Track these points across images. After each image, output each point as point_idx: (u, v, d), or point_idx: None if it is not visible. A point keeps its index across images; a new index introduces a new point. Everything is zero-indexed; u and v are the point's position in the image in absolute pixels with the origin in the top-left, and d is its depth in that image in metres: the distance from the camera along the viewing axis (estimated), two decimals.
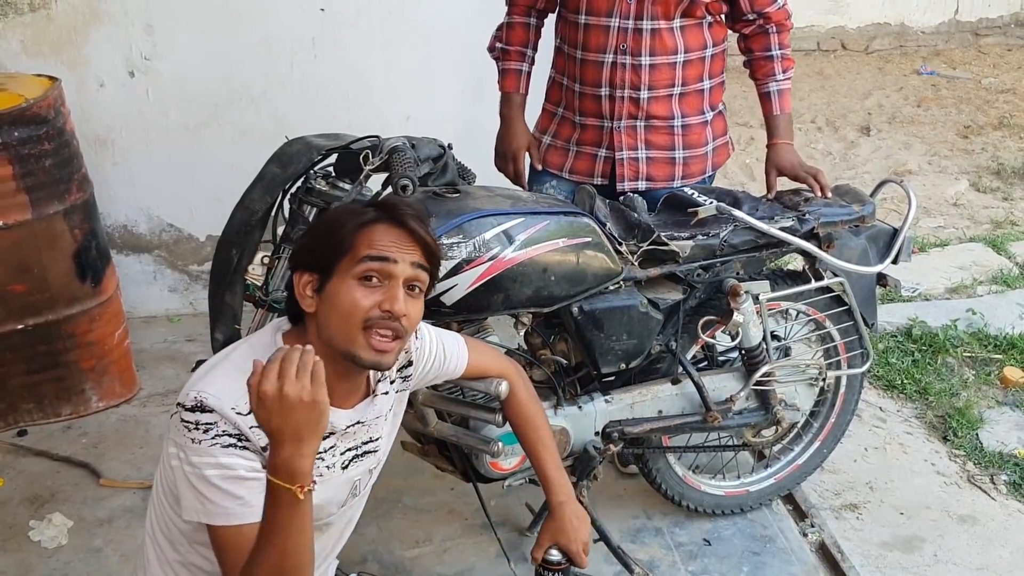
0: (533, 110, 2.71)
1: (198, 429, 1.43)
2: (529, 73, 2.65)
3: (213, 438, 1.43)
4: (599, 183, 2.56)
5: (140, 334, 3.50)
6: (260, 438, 1.46)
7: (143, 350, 3.43)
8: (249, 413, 1.45)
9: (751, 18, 2.47)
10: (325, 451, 1.58)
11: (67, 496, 2.70)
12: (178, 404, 1.46)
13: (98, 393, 3.10)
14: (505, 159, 2.69)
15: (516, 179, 2.70)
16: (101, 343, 3.06)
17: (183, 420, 1.44)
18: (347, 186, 1.99)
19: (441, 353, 1.83)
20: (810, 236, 2.33)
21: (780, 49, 2.51)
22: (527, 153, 2.68)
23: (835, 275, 2.39)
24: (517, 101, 2.65)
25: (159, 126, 3.43)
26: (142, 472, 2.77)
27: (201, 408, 1.43)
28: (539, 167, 2.67)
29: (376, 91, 3.54)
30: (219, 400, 1.44)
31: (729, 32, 2.57)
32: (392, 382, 1.71)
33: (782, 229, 2.27)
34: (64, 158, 2.86)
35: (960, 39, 8.07)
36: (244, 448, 1.45)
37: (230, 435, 1.44)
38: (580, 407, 2.28)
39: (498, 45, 2.64)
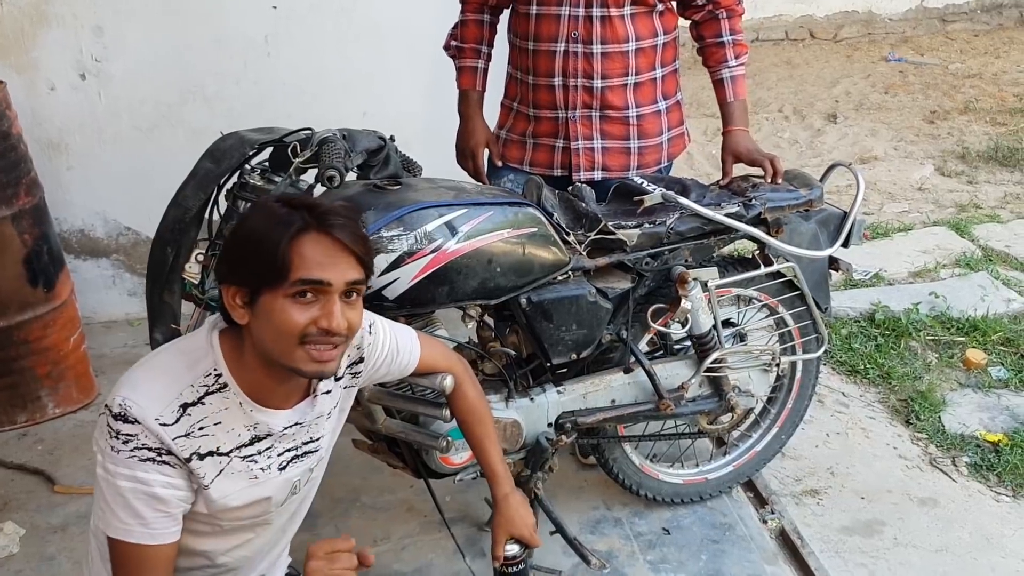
0: (495, 107, 2.69)
1: (118, 439, 1.41)
2: (486, 70, 2.64)
3: (132, 451, 1.41)
4: (559, 174, 2.55)
5: (100, 339, 3.47)
6: (184, 450, 1.45)
7: (103, 355, 3.40)
8: (175, 423, 1.44)
9: (701, 3, 2.47)
10: (259, 453, 1.56)
11: (20, 504, 2.66)
12: (106, 406, 1.44)
13: (54, 399, 3.06)
14: (464, 156, 2.69)
15: (476, 175, 2.69)
16: (56, 349, 3.02)
17: (108, 424, 1.43)
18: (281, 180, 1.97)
19: (394, 349, 1.80)
20: (758, 222, 2.32)
21: (731, 35, 2.50)
22: (486, 149, 2.67)
23: (786, 260, 2.38)
24: (474, 98, 2.64)
25: (112, 128, 3.39)
26: None
27: (124, 418, 1.41)
28: (499, 163, 2.66)
29: (331, 88, 3.50)
30: (143, 410, 1.42)
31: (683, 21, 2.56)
32: (339, 379, 1.69)
33: (728, 215, 2.26)
34: (11, 162, 2.82)
35: (927, 25, 8.12)
36: (163, 463, 1.43)
37: (150, 448, 1.42)
38: (532, 399, 2.26)
39: (453, 43, 2.63)
